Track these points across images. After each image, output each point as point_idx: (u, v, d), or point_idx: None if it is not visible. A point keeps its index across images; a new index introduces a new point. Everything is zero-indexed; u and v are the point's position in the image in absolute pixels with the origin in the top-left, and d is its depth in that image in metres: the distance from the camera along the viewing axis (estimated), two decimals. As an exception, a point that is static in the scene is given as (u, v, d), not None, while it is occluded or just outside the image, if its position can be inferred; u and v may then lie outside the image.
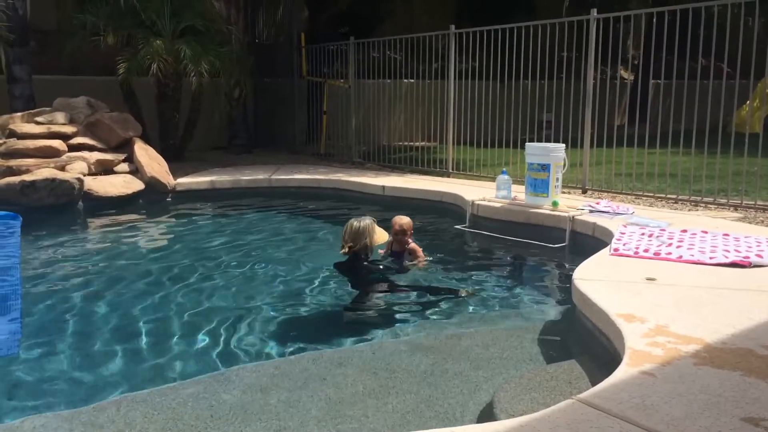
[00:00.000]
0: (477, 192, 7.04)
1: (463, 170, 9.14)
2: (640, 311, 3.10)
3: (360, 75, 10.89)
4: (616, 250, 4.37)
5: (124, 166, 8.14)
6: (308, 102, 12.14)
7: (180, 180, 8.42)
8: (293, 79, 12.48)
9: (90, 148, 8.10)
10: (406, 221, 5.03)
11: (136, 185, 7.83)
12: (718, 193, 6.76)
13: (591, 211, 5.84)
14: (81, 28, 9.94)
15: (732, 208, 6.33)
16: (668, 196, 6.86)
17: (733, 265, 3.98)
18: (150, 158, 8.28)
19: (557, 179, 6.09)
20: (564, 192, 6.83)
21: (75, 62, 10.47)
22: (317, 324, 4.10)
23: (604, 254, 4.38)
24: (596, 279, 3.71)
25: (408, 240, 5.05)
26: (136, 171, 8.12)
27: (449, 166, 9.23)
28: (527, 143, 6.34)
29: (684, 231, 4.87)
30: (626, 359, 2.56)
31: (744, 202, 6.38)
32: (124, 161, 8.21)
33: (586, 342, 3.32)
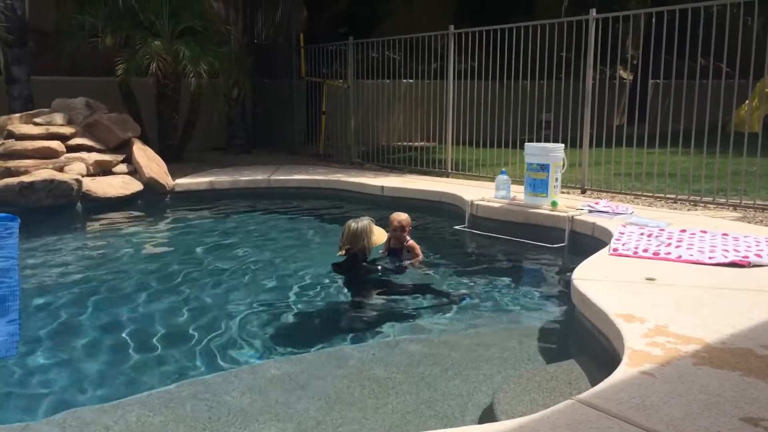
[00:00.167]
0: (476, 192, 7.04)
1: (462, 170, 9.14)
2: (640, 311, 3.09)
3: (359, 75, 10.89)
4: (616, 250, 4.37)
5: (123, 167, 8.14)
6: (307, 102, 12.14)
7: (179, 180, 8.41)
8: (292, 80, 12.48)
9: (88, 149, 8.11)
10: (405, 218, 5.03)
11: (135, 186, 7.82)
12: (717, 193, 6.77)
13: (590, 211, 5.84)
14: (80, 29, 9.93)
15: (731, 208, 6.33)
16: (667, 196, 6.86)
17: (733, 265, 3.98)
18: (149, 159, 8.28)
19: (556, 179, 6.09)
20: (563, 192, 6.83)
21: (74, 63, 10.46)
22: (316, 324, 4.10)
23: (604, 254, 4.38)
24: (595, 279, 3.71)
25: (406, 237, 5.05)
26: (135, 172, 8.11)
27: (448, 167, 9.23)
28: (526, 143, 6.35)
29: (683, 231, 4.87)
30: (626, 359, 2.56)
31: (743, 202, 6.39)
32: (123, 162, 8.21)
33: (586, 342, 3.32)
